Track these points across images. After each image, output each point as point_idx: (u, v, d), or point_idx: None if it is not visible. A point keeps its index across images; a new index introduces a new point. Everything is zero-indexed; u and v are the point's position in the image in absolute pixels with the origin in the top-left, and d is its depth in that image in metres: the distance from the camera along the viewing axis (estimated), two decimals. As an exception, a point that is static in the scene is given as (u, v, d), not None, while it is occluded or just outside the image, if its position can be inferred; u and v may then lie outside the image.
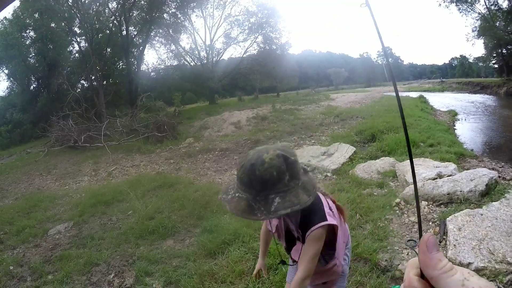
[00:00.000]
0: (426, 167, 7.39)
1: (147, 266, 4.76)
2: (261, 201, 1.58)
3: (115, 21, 27.71)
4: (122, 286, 4.46)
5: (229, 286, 4.02)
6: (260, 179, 1.58)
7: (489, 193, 5.72)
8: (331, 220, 1.92)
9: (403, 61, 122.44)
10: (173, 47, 35.08)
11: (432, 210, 5.62)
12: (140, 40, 30.19)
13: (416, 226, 5.25)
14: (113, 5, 27.50)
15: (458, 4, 41.96)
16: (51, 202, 8.67)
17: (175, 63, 36.15)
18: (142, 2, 27.74)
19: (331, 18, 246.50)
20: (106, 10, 27.66)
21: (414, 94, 31.29)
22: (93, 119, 18.78)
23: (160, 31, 32.12)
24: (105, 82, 27.76)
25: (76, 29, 27.18)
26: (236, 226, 5.48)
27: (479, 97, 32.99)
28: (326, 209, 1.97)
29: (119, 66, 29.67)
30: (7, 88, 29.35)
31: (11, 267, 5.24)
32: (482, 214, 4.81)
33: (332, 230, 1.98)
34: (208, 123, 18.56)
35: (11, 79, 28.02)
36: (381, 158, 9.03)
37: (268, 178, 1.58)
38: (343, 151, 10.09)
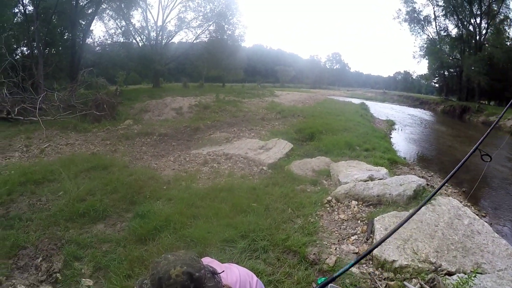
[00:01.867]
0: (359, 169, 7.65)
1: (76, 250, 4.58)
2: None
3: (65, -14, 25.69)
4: (50, 271, 4.26)
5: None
6: None
7: (417, 198, 6.01)
8: None
9: (350, 68, 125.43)
10: (123, 23, 33.71)
11: (361, 209, 5.83)
12: (90, 11, 28.29)
13: (345, 223, 5.42)
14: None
15: (410, 24, 44.54)
16: None
17: (123, 40, 34.86)
18: (97, -32, 26.12)
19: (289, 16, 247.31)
20: None
21: (356, 101, 32.23)
22: (30, 90, 17.62)
23: (112, 4, 30.47)
24: (47, 51, 25.92)
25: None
26: (168, 212, 5.42)
27: (417, 111, 34.45)
28: None
29: (64, 36, 27.46)
30: None
31: None
32: (408, 217, 5.03)
33: None
34: (150, 106, 18.18)
35: None
36: (317, 157, 9.25)
37: None
38: (280, 147, 10.23)
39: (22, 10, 25.00)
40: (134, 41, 35.07)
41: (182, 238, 4.70)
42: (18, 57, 23.55)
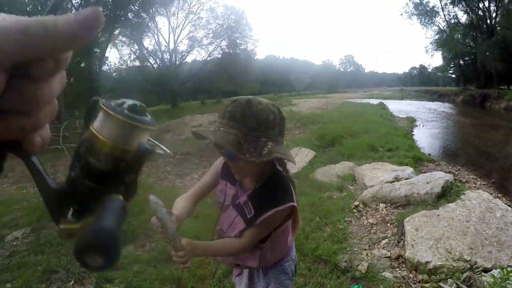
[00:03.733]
0: (384, 171, 7.55)
1: (107, 272, 4.59)
2: (251, 141, 1.51)
3: (78, 17, 26.74)
4: None
5: (190, 291, 3.96)
6: (255, 117, 1.52)
7: (445, 195, 5.92)
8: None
9: (364, 69, 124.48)
10: (136, 47, 34.79)
11: (390, 212, 5.75)
12: (103, 39, 29.27)
13: (375, 227, 5.35)
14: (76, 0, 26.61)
15: (419, 17, 43.71)
16: (7, 207, 8.24)
17: (138, 64, 35.83)
18: (107, -2, 26.85)
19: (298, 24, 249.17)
20: (69, 5, 26.40)
21: (374, 101, 31.91)
22: (52, 119, 18.19)
23: (124, 30, 31.57)
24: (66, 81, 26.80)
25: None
26: (196, 230, 5.41)
27: (437, 105, 34.02)
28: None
29: (81, 65, 28.41)
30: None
31: (-34, 277, 5.03)
32: (438, 215, 4.97)
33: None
34: (170, 126, 18.38)
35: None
36: (341, 162, 9.15)
37: (263, 118, 1.53)
38: (303, 155, 10.17)
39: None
40: (148, 64, 35.73)
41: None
42: (37, 88, 24.26)
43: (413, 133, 15.92)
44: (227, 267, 4.14)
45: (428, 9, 43.89)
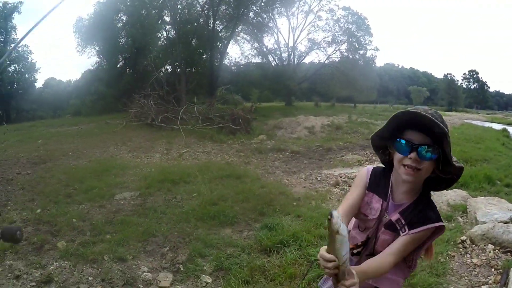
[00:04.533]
0: (499, 208, 6.75)
1: (201, 248, 4.83)
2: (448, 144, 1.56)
3: (203, 14, 28.60)
4: (174, 261, 4.58)
5: (277, 286, 3.97)
6: (446, 126, 1.54)
7: None
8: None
9: (489, 87, 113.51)
10: (256, 45, 35.98)
11: (497, 256, 5.02)
12: (225, 35, 31.12)
13: (477, 270, 4.84)
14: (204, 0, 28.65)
15: None
16: (122, 170, 9.11)
17: (257, 60, 36.98)
18: (230, -2, 28.42)
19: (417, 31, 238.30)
20: (195, 3, 28.95)
21: (497, 126, 29.25)
22: (172, 102, 19.72)
23: (246, 28, 33.10)
24: (187, 70, 28.80)
25: (165, 17, 28.92)
26: (296, 229, 5.35)
27: None
28: None
29: (203, 57, 30.43)
30: (96, 63, 30.86)
31: (74, 220, 5.61)
32: (550, 273, 4.36)
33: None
34: (283, 123, 18.70)
35: (101, 56, 29.55)
36: (454, 189, 8.46)
37: (445, 132, 1.54)
38: (416, 177, 9.62)
39: (165, 35, 29.91)
40: (267, 61, 36.60)
41: (306, 256, 4.61)
42: (162, 74, 26.51)
43: (536, 169, 14.46)
44: (320, 271, 4.01)
45: None
